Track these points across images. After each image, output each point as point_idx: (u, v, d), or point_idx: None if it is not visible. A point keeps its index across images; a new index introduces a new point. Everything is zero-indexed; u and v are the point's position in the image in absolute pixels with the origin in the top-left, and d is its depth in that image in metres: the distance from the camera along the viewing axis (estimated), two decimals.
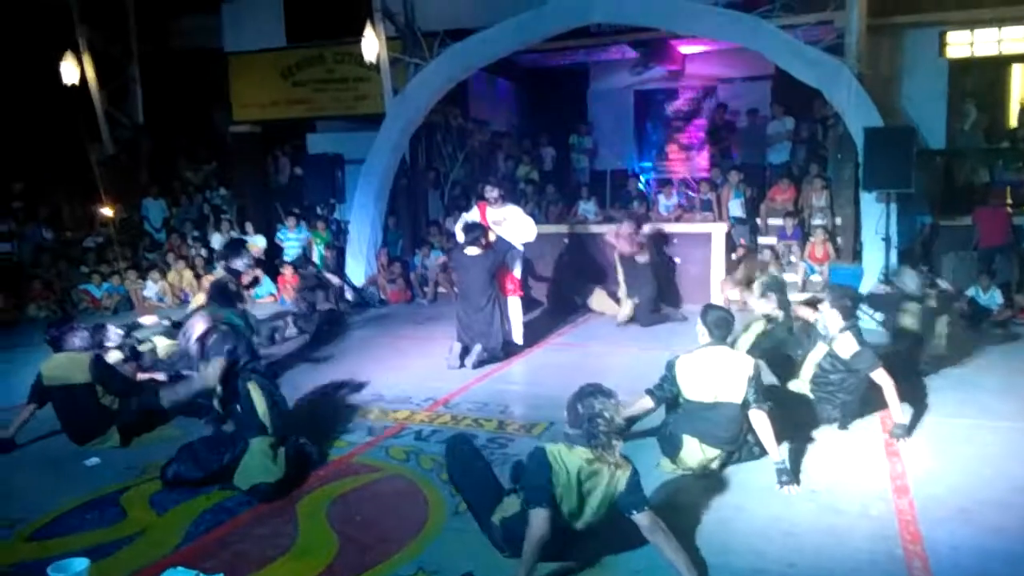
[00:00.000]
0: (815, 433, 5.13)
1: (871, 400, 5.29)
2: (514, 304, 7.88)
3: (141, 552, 3.77)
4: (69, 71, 12.29)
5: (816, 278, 10.01)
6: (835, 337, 5.17)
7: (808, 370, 5.34)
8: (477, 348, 7.21)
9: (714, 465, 4.49)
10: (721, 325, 4.61)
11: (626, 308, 9.12)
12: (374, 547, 3.73)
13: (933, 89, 10.40)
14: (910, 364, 6.30)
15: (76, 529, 4.05)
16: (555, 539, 3.28)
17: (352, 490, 4.45)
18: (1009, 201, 10.53)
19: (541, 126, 14.58)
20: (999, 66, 11.24)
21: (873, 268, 9.17)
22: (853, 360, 5.07)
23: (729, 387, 4.42)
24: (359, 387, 6.60)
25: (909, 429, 5.10)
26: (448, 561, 3.57)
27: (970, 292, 9.09)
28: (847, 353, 5.08)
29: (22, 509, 4.26)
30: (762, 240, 11.02)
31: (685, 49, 13.78)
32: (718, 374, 4.46)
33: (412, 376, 6.98)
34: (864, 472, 4.57)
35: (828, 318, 5.28)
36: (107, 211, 13.02)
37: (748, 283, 7.73)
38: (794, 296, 7.02)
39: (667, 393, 4.61)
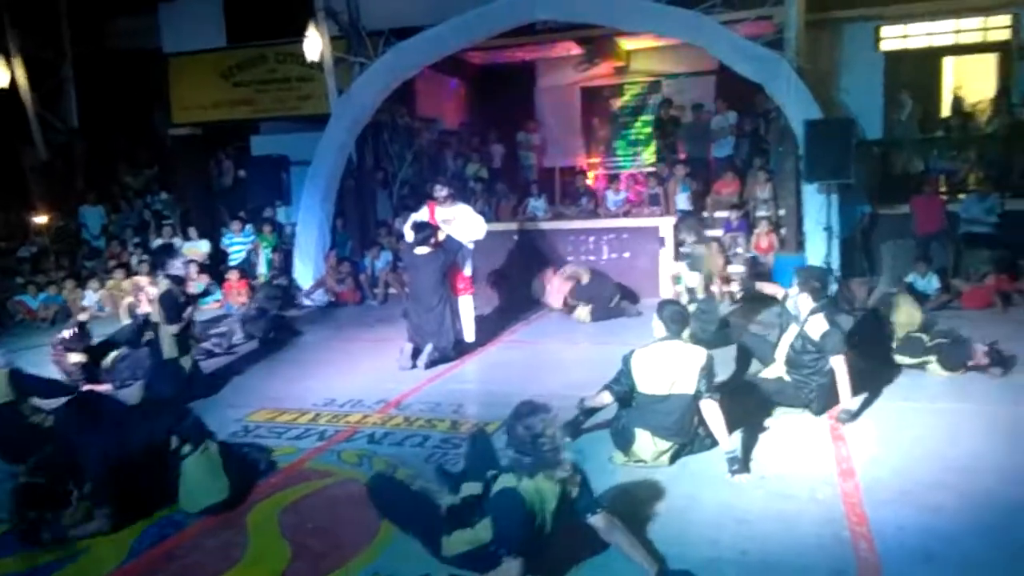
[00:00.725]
0: (762, 420, 5.21)
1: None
2: (465, 303, 7.85)
3: (85, 570, 3.66)
4: None
5: (762, 268, 10.19)
6: (807, 319, 5.28)
7: (782, 352, 5.44)
8: (428, 348, 7.17)
9: (666, 457, 4.54)
10: (677, 320, 4.66)
11: (582, 314, 9.13)
12: (328, 554, 3.68)
13: (869, 82, 10.69)
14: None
15: (16, 549, 3.90)
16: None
17: (304, 497, 4.38)
18: (943, 189, 10.88)
19: (490, 123, 14.57)
20: (931, 58, 11.59)
21: (817, 257, 9.38)
22: (822, 340, 5.17)
23: (682, 379, 4.48)
24: (309, 391, 6.50)
25: (855, 414, 5.21)
26: (404, 565, 3.54)
27: (908, 278, 9.36)
28: (817, 334, 5.20)
29: None
30: (709, 232, 11.17)
31: (629, 45, 13.91)
32: (672, 367, 4.50)
33: (363, 378, 6.91)
34: (811, 457, 4.67)
35: (799, 300, 5.38)
36: (42, 219, 12.61)
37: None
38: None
39: (624, 387, 4.63)
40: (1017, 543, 3.58)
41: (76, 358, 6.81)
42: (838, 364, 5.13)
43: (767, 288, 6.47)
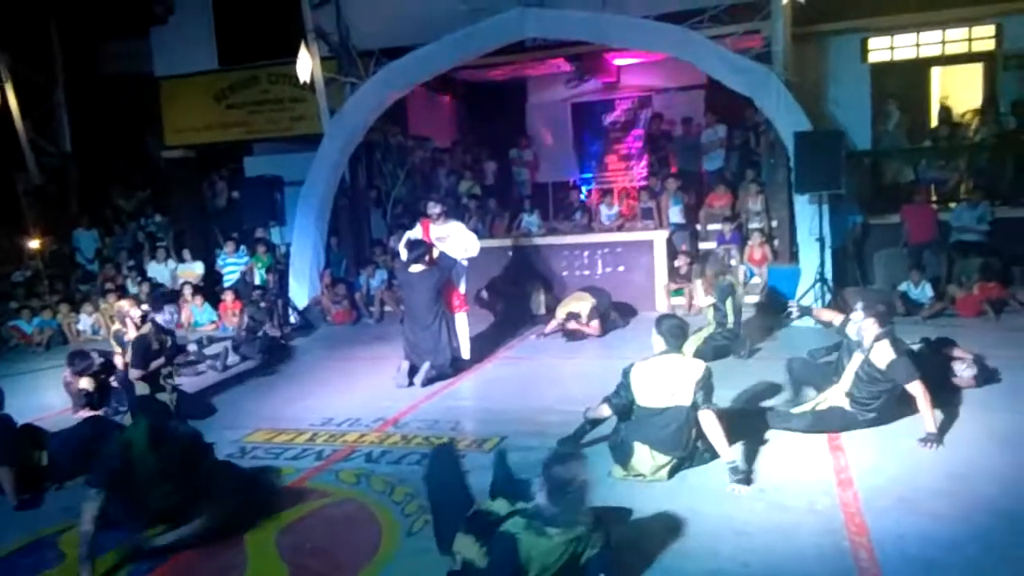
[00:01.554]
0: (760, 431, 5.20)
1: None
2: (461, 320, 7.86)
3: None
4: None
5: (756, 280, 10.23)
6: (872, 346, 5.03)
7: (847, 381, 5.17)
8: (425, 366, 7.16)
9: (664, 471, 4.53)
10: (676, 334, 4.66)
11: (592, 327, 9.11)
12: (327, 575, 3.66)
13: (857, 93, 10.78)
14: None
15: (13, 574, 3.87)
16: None
17: (302, 517, 4.36)
18: (934, 198, 10.95)
19: (482, 141, 14.63)
20: (918, 69, 11.68)
21: (810, 268, 9.40)
22: (889, 370, 4.93)
23: (680, 392, 4.47)
24: (307, 410, 6.49)
25: (939, 437, 4.89)
26: None
27: (902, 287, 9.41)
28: (883, 362, 4.95)
29: None
30: (702, 245, 11.24)
31: (619, 61, 14.02)
32: (670, 380, 4.50)
33: (360, 397, 6.90)
34: (809, 467, 4.67)
35: (863, 326, 5.11)
36: (35, 243, 12.60)
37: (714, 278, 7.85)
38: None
39: (623, 400, 4.63)
40: (1018, 551, 3.58)
41: (85, 384, 6.76)
42: (916, 391, 4.87)
43: (824, 315, 6.21)
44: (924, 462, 4.65)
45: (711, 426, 4.43)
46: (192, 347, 8.42)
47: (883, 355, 4.97)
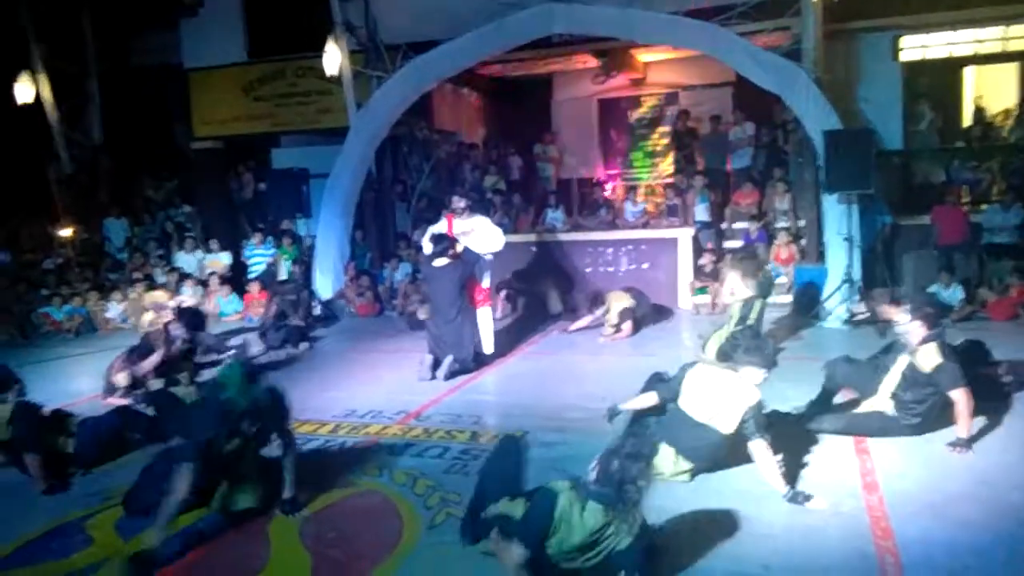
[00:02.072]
0: (785, 432, 5.15)
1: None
2: (484, 314, 7.87)
3: None
4: (24, 91, 12.08)
5: (782, 280, 10.14)
6: (917, 349, 4.91)
7: (892, 382, 5.07)
8: (448, 359, 7.18)
9: (684, 476, 4.48)
10: (755, 352, 4.44)
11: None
12: (349, 565, 3.69)
13: (888, 92, 10.63)
14: None
15: (41, 558, 3.94)
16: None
17: (325, 508, 4.38)
18: (966, 199, 10.78)
19: (507, 136, 14.62)
20: (951, 68, 11.52)
21: (837, 268, 9.31)
22: (934, 374, 4.79)
23: (724, 414, 4.32)
24: (330, 402, 6.53)
25: (970, 441, 4.83)
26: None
27: (932, 289, 9.27)
28: (929, 366, 4.81)
29: None
30: (727, 244, 11.15)
31: (646, 57, 13.94)
32: (720, 399, 4.36)
33: (383, 390, 6.93)
34: (834, 470, 4.62)
35: (910, 329, 5.00)
36: (66, 231, 12.78)
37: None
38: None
39: (672, 394, 4.54)
40: None
41: (123, 379, 6.83)
42: (959, 397, 4.73)
43: (891, 312, 5.98)
44: (952, 467, 4.59)
45: (764, 459, 4.23)
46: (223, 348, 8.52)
47: (929, 359, 4.83)
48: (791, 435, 5.09)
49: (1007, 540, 3.68)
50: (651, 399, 4.62)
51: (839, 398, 5.57)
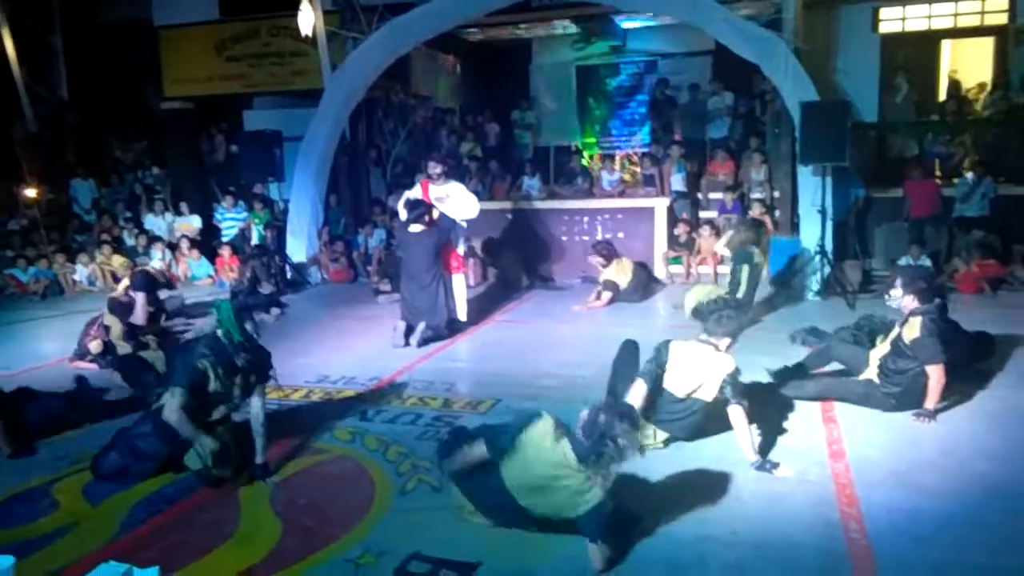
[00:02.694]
0: (761, 397, 5.19)
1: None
2: (458, 281, 7.83)
3: (75, 545, 3.64)
4: None
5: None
6: (907, 320, 4.99)
7: (881, 351, 5.14)
8: (421, 326, 7.16)
9: (660, 444, 4.53)
10: (723, 324, 4.45)
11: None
12: (319, 530, 3.68)
13: (866, 64, 10.65)
14: None
15: (6, 523, 3.89)
16: (498, 499, 3.44)
17: (296, 473, 4.37)
18: (938, 173, 10.88)
19: (485, 102, 14.46)
20: (929, 41, 11.52)
21: (810, 240, 9.36)
22: (915, 347, 4.87)
23: (705, 386, 4.37)
24: (302, 368, 6.48)
25: (935, 413, 4.91)
26: (395, 541, 3.54)
27: (901, 262, 9.38)
28: (910, 337, 4.90)
29: None
30: (703, 214, 11.18)
31: (626, 24, 13.80)
32: (700, 372, 4.39)
33: (356, 356, 6.90)
34: (801, 438, 4.69)
35: (904, 303, 5.08)
36: (32, 192, 12.49)
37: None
38: None
39: (657, 375, 4.44)
40: (1008, 526, 3.60)
41: (96, 346, 6.70)
42: (933, 373, 4.81)
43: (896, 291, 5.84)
44: (917, 437, 4.67)
45: (739, 424, 4.28)
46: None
47: (913, 331, 4.90)
48: (764, 403, 5.14)
49: (970, 508, 3.76)
50: (642, 389, 4.39)
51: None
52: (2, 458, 4.72)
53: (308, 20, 10.68)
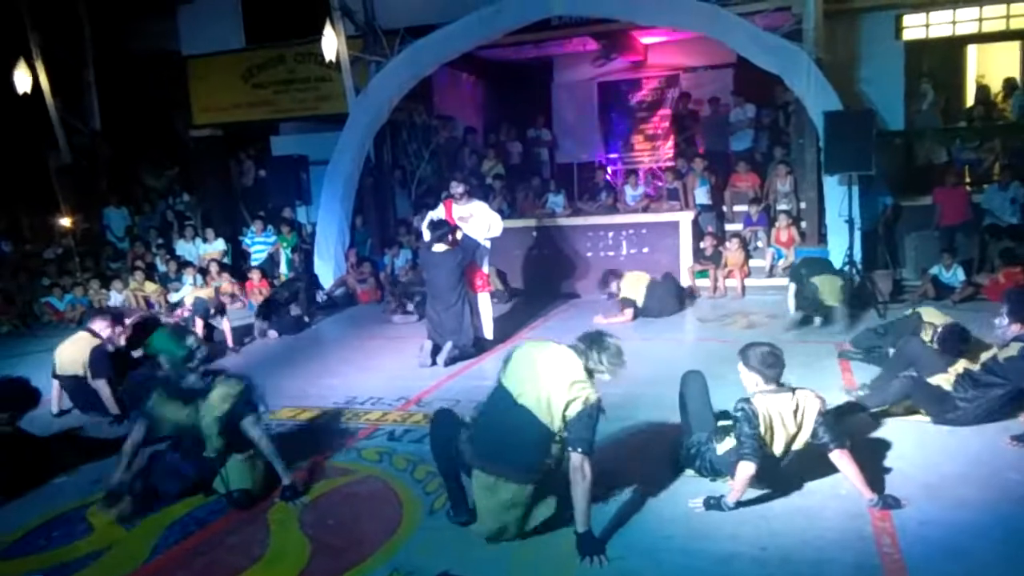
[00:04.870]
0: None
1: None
2: (484, 300, 7.87)
3: (109, 568, 3.71)
4: (22, 79, 12.04)
5: (783, 263, 10.11)
6: (1008, 344, 4.93)
7: (966, 364, 5.04)
8: (448, 345, 7.19)
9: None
10: (771, 363, 3.94)
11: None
12: (348, 550, 3.71)
13: (890, 71, 10.53)
14: None
15: (43, 547, 3.97)
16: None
17: (325, 494, 4.41)
18: (967, 180, 10.72)
19: (507, 120, 14.56)
20: (954, 47, 11.40)
21: (838, 250, 9.27)
22: (1007, 364, 4.81)
23: (800, 435, 3.93)
24: (330, 389, 6.55)
25: None
26: (423, 561, 3.56)
27: (933, 271, 9.25)
28: (1004, 357, 4.85)
29: None
30: (728, 227, 11.11)
31: (646, 39, 13.84)
32: (790, 422, 3.90)
33: (384, 376, 6.95)
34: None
35: (1009, 331, 5.01)
36: (66, 221, 12.80)
37: None
38: None
39: (761, 449, 3.83)
40: None
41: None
42: None
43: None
44: (947, 448, 4.59)
45: (847, 468, 3.87)
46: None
47: (1009, 353, 4.85)
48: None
49: (1004, 520, 3.68)
50: (750, 469, 3.80)
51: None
52: (41, 487, 4.79)
53: (331, 45, 10.88)
